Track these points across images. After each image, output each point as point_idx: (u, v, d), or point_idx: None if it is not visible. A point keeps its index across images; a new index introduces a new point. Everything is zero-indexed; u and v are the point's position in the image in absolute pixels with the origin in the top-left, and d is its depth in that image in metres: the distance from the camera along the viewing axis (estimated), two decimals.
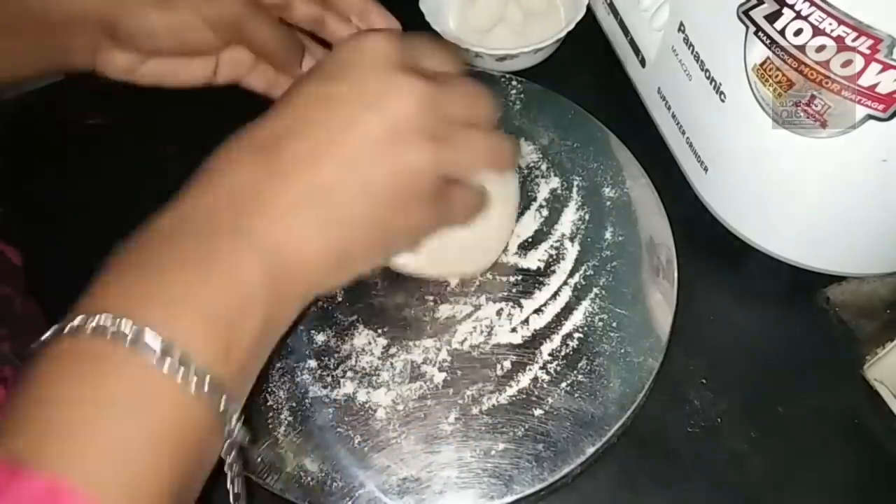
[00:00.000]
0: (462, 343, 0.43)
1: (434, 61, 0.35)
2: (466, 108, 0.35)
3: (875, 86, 0.35)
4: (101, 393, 0.27)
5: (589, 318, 0.44)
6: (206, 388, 0.27)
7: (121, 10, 0.39)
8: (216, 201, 0.31)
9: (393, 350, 0.43)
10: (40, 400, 0.27)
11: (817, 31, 0.35)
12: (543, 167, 0.50)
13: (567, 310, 0.44)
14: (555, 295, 0.45)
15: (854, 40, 0.34)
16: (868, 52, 0.34)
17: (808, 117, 0.38)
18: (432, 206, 0.34)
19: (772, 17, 0.37)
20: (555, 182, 0.49)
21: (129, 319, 0.27)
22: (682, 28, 0.45)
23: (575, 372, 0.42)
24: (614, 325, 0.43)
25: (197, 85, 0.45)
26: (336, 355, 0.43)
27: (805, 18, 0.36)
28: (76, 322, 0.27)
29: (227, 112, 0.52)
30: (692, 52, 0.45)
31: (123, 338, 0.26)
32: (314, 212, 0.31)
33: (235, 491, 0.30)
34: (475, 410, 0.41)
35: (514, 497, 0.39)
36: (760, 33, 0.38)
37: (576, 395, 0.41)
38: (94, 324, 0.27)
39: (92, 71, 0.42)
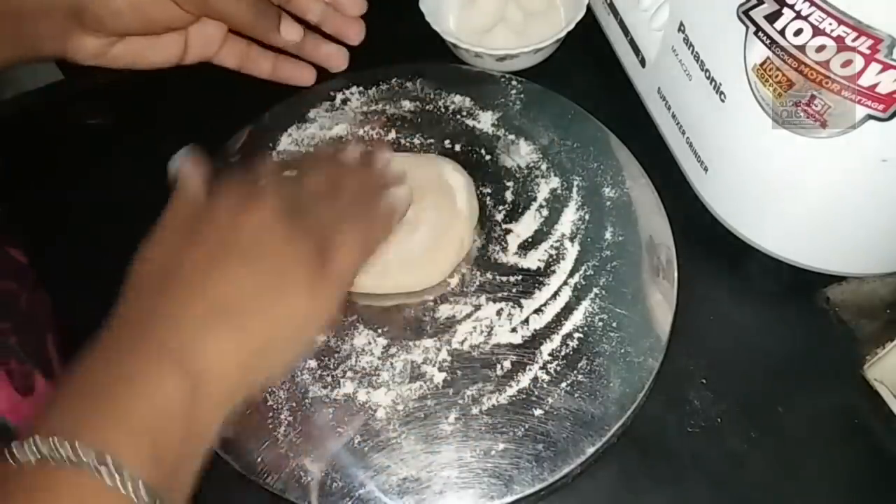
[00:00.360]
0: (462, 343, 0.43)
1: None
2: (317, 188, 0.39)
3: (875, 86, 0.35)
4: None
5: (589, 318, 0.44)
6: (142, 492, 0.29)
7: None
8: (139, 327, 0.34)
9: (393, 350, 0.43)
10: None
11: (817, 31, 0.35)
12: (543, 167, 0.50)
13: (567, 310, 0.44)
14: (555, 295, 0.45)
15: (854, 40, 0.34)
16: (868, 52, 0.34)
17: (808, 117, 0.38)
18: (318, 275, 0.36)
19: (772, 17, 0.37)
20: (555, 182, 0.49)
21: (62, 438, 0.28)
22: (682, 28, 0.45)
23: (575, 372, 0.42)
24: (614, 325, 0.43)
25: (168, 65, 0.46)
26: (336, 355, 0.43)
27: (805, 18, 0.36)
28: (17, 448, 0.29)
29: (226, 112, 0.52)
30: (692, 52, 0.45)
31: (64, 457, 0.28)
32: (222, 325, 0.34)
33: None
34: (475, 410, 0.41)
35: (514, 497, 0.39)
36: (760, 33, 0.38)
37: (576, 395, 0.41)
38: (34, 447, 0.28)
39: (63, 58, 0.43)
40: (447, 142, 0.51)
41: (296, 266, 0.36)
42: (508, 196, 0.49)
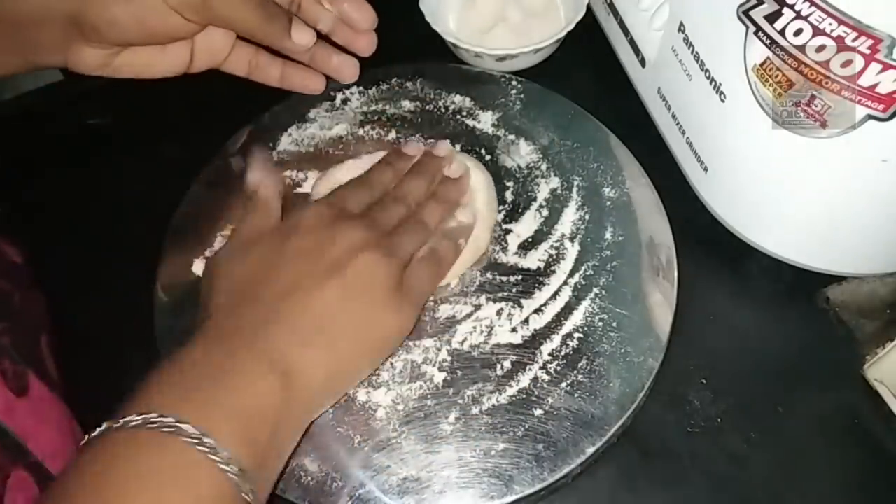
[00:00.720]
0: (462, 343, 0.43)
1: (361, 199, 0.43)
2: (398, 209, 0.42)
3: (875, 86, 0.35)
4: (145, 468, 0.31)
5: (589, 318, 0.44)
6: (232, 470, 0.31)
7: (85, 4, 0.39)
8: (238, 333, 0.36)
9: None
10: (87, 480, 0.30)
11: (817, 31, 0.35)
12: (543, 167, 0.50)
13: (567, 310, 0.44)
14: (555, 295, 0.45)
15: (854, 40, 0.34)
16: (868, 52, 0.34)
17: (808, 117, 0.38)
18: (401, 296, 0.39)
19: (772, 17, 0.37)
20: (555, 182, 0.49)
21: (171, 416, 0.31)
22: (682, 28, 0.45)
23: (575, 372, 0.42)
24: (614, 325, 0.43)
25: (174, 74, 0.45)
26: None
27: (805, 18, 0.36)
28: (126, 419, 0.32)
29: (227, 112, 0.52)
30: (692, 52, 0.45)
31: (166, 428, 0.31)
32: (317, 339, 0.36)
33: None
34: (475, 410, 0.41)
35: (514, 497, 0.39)
36: (760, 33, 0.38)
37: (576, 395, 0.41)
38: (138, 419, 0.31)
39: (64, 67, 0.43)
40: (447, 141, 0.51)
41: (383, 288, 0.38)
42: (508, 196, 0.49)
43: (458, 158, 0.48)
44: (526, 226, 0.47)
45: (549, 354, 0.43)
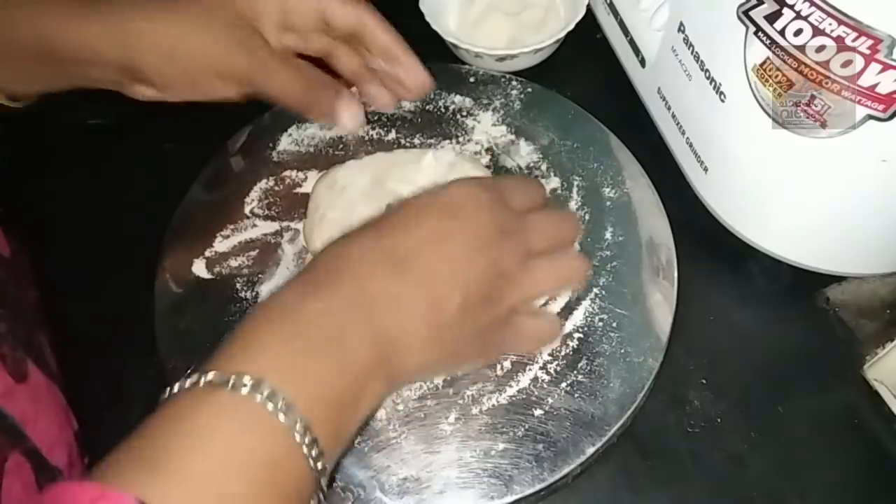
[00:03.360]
0: None
1: (523, 199, 0.40)
2: (550, 239, 0.40)
3: (875, 86, 0.35)
4: (219, 430, 0.29)
5: (589, 318, 0.44)
6: (309, 442, 0.30)
7: (140, 60, 0.40)
8: (353, 302, 0.33)
9: None
10: (157, 433, 0.30)
11: (817, 31, 0.35)
12: (543, 167, 0.50)
13: (567, 310, 0.44)
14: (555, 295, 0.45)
15: (854, 40, 0.34)
16: (868, 52, 0.34)
17: (808, 117, 0.38)
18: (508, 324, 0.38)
19: (772, 17, 0.37)
20: (555, 182, 0.49)
21: (266, 381, 0.29)
22: (682, 28, 0.45)
23: (575, 372, 0.42)
24: (614, 325, 0.43)
25: (223, 100, 0.46)
26: None
27: (805, 18, 0.36)
28: (215, 376, 0.30)
29: (227, 112, 0.52)
30: (692, 52, 0.45)
31: (252, 393, 0.29)
32: (427, 325, 0.34)
33: None
34: (475, 410, 0.41)
35: (514, 497, 0.39)
36: (760, 33, 0.38)
37: (576, 395, 0.41)
38: (230, 381, 0.29)
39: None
40: (447, 142, 0.51)
41: (494, 319, 0.37)
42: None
43: (464, 164, 0.47)
44: None
45: (549, 354, 0.42)
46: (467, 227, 0.36)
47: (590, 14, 0.56)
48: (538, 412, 0.41)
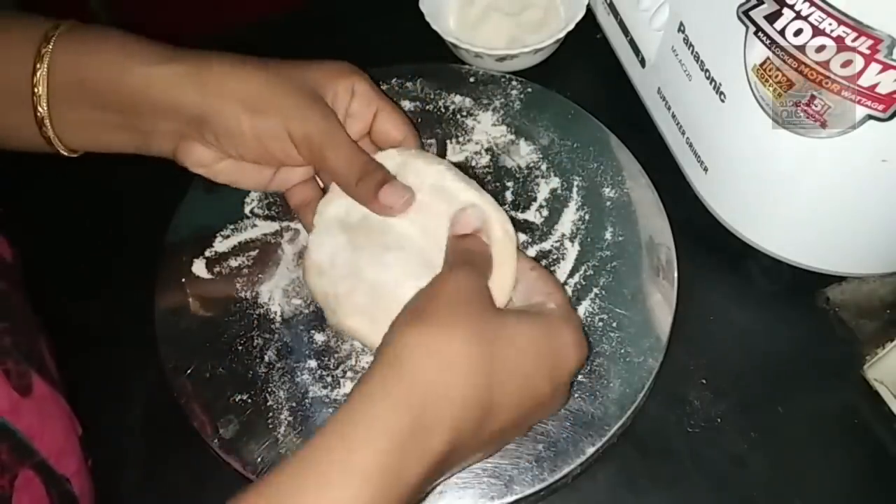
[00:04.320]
0: None
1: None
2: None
3: (875, 86, 0.35)
4: None
5: (589, 319, 0.44)
6: None
7: (215, 107, 0.40)
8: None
9: None
10: None
11: (817, 31, 0.35)
12: (543, 167, 0.50)
13: None
14: None
15: (854, 40, 0.34)
16: (868, 52, 0.34)
17: (808, 117, 0.38)
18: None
19: (772, 17, 0.37)
20: (555, 182, 0.49)
21: None
22: (682, 28, 0.45)
23: None
24: (614, 325, 0.43)
25: (254, 190, 0.47)
26: (336, 355, 0.43)
27: (805, 18, 0.36)
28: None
29: None
30: (692, 52, 0.45)
31: None
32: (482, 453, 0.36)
33: None
34: None
35: (514, 497, 0.39)
36: (760, 33, 0.38)
37: (576, 395, 0.41)
38: None
39: (168, 158, 0.43)
40: (447, 142, 0.51)
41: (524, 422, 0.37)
42: (508, 196, 0.49)
43: (443, 174, 0.42)
44: (526, 226, 0.47)
45: None
46: (556, 376, 0.36)
47: (590, 14, 0.56)
48: None
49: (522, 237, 0.47)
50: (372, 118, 0.44)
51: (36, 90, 0.40)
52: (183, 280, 0.46)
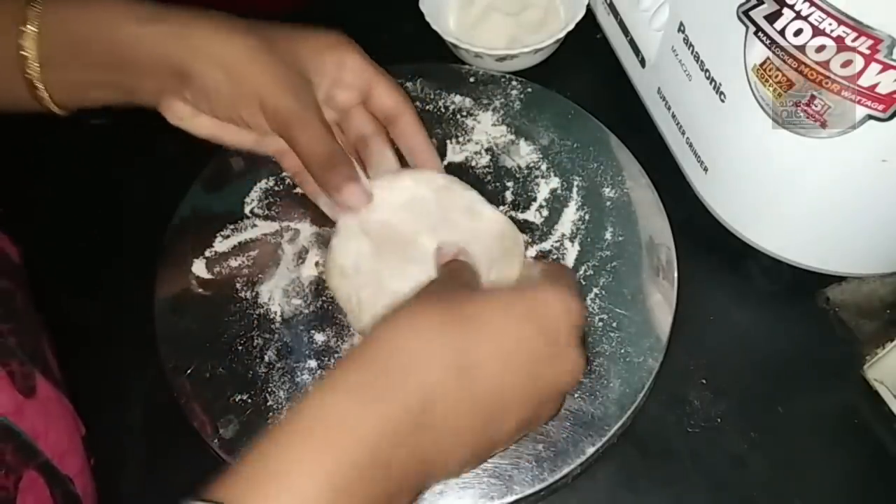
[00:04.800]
0: None
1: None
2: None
3: (875, 86, 0.35)
4: None
5: (589, 319, 0.44)
6: None
7: (196, 67, 0.41)
8: (408, 421, 0.31)
9: None
10: None
11: (817, 32, 0.35)
12: (543, 167, 0.50)
13: None
14: None
15: (854, 40, 0.34)
16: (868, 52, 0.34)
17: (808, 117, 0.38)
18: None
19: (772, 18, 0.37)
20: (555, 182, 0.49)
21: None
22: (682, 28, 0.45)
23: None
24: (614, 325, 0.43)
25: (241, 149, 0.46)
26: (336, 355, 0.43)
27: (805, 18, 0.36)
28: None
29: None
30: (692, 52, 0.45)
31: None
32: (472, 448, 0.32)
33: None
34: None
35: (514, 497, 0.39)
36: (760, 33, 0.38)
37: (576, 395, 0.41)
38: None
39: (152, 108, 0.44)
40: (447, 142, 0.51)
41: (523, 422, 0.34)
42: (508, 196, 0.49)
43: (476, 199, 0.45)
44: (526, 226, 0.47)
45: None
46: (544, 336, 0.34)
47: (590, 14, 0.56)
48: None
49: (522, 237, 0.47)
50: (367, 89, 0.45)
51: (27, 53, 0.41)
52: (183, 280, 0.46)
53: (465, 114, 0.52)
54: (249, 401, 0.42)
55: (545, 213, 0.48)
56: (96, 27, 0.41)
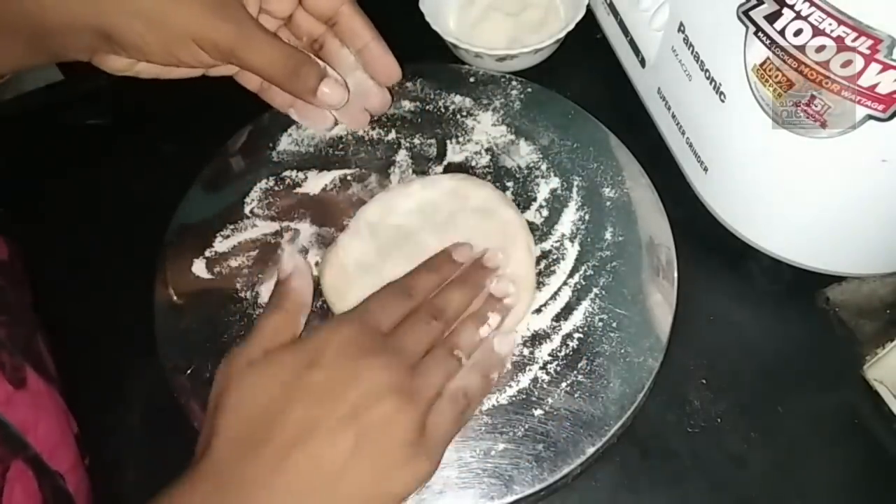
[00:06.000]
0: None
1: (391, 314, 0.39)
2: (427, 339, 0.39)
3: (875, 86, 0.35)
4: None
5: (589, 319, 0.44)
6: None
7: (113, 21, 0.39)
8: (230, 489, 0.34)
9: None
10: None
11: (817, 32, 0.35)
12: (543, 167, 0.50)
13: (567, 310, 0.44)
14: (555, 295, 0.44)
15: (854, 40, 0.34)
16: (868, 52, 0.34)
17: (808, 117, 0.38)
18: (419, 447, 0.36)
19: (772, 18, 0.37)
20: (555, 182, 0.49)
21: None
22: (682, 28, 0.45)
23: (575, 372, 0.42)
24: (614, 325, 0.43)
25: (191, 76, 0.45)
26: None
27: (805, 18, 0.36)
28: None
29: (227, 112, 0.52)
30: (692, 52, 0.45)
31: None
32: (317, 494, 0.34)
33: None
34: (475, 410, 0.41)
35: (514, 497, 0.39)
36: (760, 33, 0.38)
37: (576, 395, 0.41)
38: None
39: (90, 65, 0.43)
40: (447, 142, 0.51)
41: (401, 442, 0.35)
42: (508, 196, 0.49)
43: (491, 197, 0.46)
44: None
45: (549, 355, 0.42)
46: (333, 374, 0.36)
47: (590, 14, 0.56)
48: (538, 412, 0.41)
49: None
50: None
51: None
52: (183, 280, 0.46)
53: (465, 114, 0.52)
54: None
55: (545, 213, 0.48)
56: (7, 3, 0.39)
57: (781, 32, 0.37)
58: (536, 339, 0.43)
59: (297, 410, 0.35)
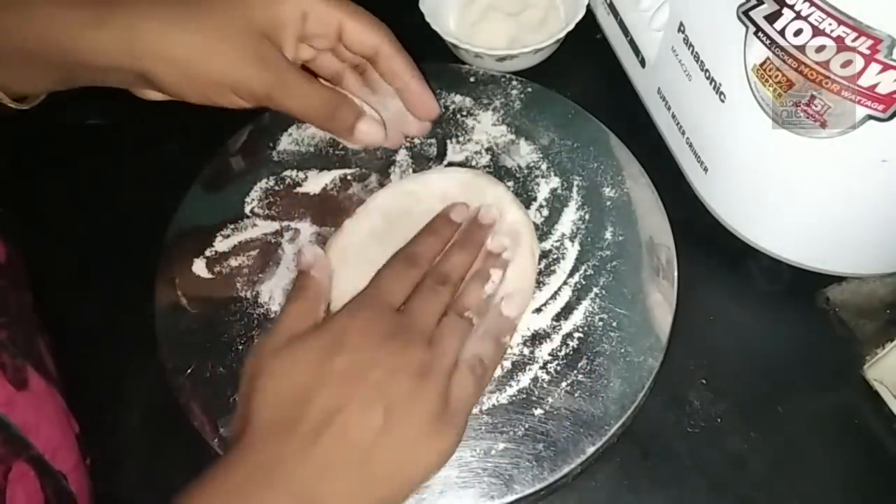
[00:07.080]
0: None
1: (401, 286, 0.41)
2: (438, 308, 0.41)
3: (875, 86, 0.35)
4: None
5: (589, 318, 0.44)
6: None
7: (148, 67, 0.40)
8: (263, 469, 0.35)
9: None
10: None
11: (817, 32, 0.35)
12: (543, 167, 0.50)
13: (567, 310, 0.44)
14: (555, 295, 0.45)
15: (854, 40, 0.34)
16: (868, 52, 0.34)
17: (808, 117, 0.38)
18: (444, 419, 0.37)
19: (772, 18, 0.37)
20: (555, 182, 0.49)
21: None
22: (682, 28, 0.45)
23: (575, 372, 0.42)
24: (614, 325, 0.43)
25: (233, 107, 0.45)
26: None
27: (805, 18, 0.36)
28: None
29: (226, 112, 0.52)
30: (692, 52, 0.45)
31: None
32: (351, 470, 0.35)
33: None
34: (475, 410, 0.41)
35: (514, 497, 0.39)
36: (760, 33, 0.38)
37: (576, 394, 0.41)
38: None
39: None
40: (447, 142, 0.51)
41: (427, 415, 0.36)
42: None
43: (504, 197, 0.47)
44: None
45: (549, 354, 0.43)
46: (357, 357, 0.37)
47: (590, 14, 0.56)
48: (538, 412, 0.41)
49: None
50: (336, 30, 0.43)
51: None
52: (183, 280, 0.46)
53: (465, 114, 0.52)
54: None
55: (545, 212, 0.48)
56: (44, 37, 0.39)
57: (781, 32, 0.37)
58: (536, 338, 0.43)
59: (325, 393, 0.36)
